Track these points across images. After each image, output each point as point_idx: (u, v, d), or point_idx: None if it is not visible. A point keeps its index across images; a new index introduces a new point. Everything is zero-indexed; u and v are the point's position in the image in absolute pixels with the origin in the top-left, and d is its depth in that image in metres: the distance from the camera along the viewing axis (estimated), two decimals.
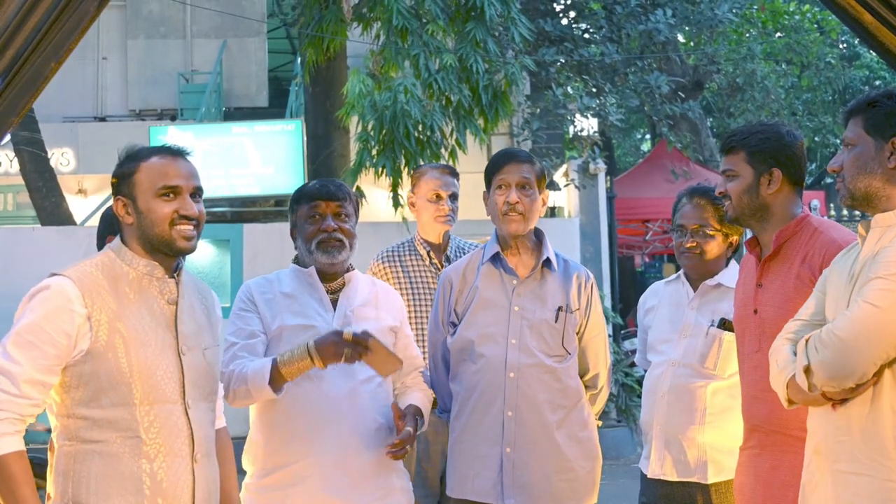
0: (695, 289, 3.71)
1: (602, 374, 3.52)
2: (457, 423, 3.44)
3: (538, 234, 3.51)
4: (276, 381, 2.96)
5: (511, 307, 3.39)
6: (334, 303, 3.23)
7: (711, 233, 3.64)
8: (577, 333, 3.45)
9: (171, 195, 2.54)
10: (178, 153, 2.62)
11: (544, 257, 3.43)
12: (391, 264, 4.26)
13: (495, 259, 3.46)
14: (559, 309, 3.39)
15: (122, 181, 2.57)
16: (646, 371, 3.83)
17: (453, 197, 4.29)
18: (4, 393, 2.37)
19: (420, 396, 3.37)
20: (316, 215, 3.22)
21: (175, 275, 2.62)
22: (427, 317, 4.05)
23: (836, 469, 2.35)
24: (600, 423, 3.59)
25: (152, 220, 2.53)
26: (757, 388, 2.84)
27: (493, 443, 3.33)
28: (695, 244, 3.65)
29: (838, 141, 2.56)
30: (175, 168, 2.57)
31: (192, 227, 2.56)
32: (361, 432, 3.09)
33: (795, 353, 2.46)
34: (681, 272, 3.83)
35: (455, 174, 4.40)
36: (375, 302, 3.31)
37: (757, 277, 2.96)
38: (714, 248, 3.66)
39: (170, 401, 2.52)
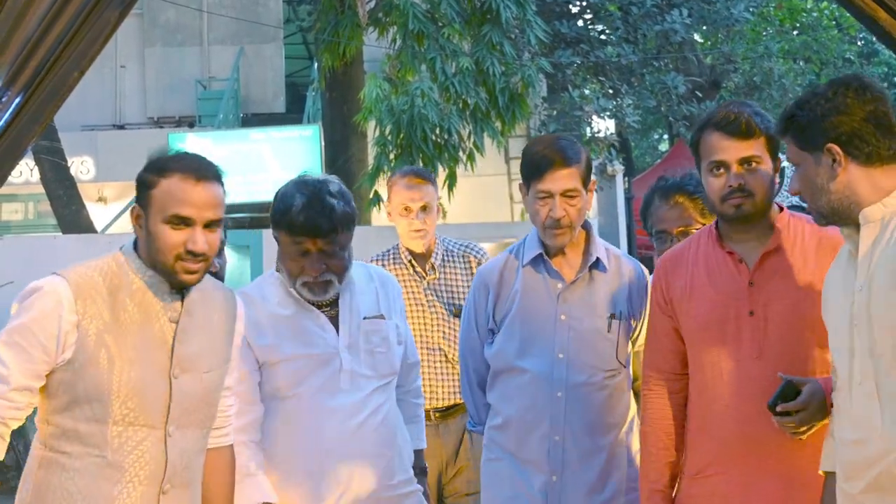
0: None
1: None
2: (494, 440, 3.07)
3: (585, 226, 3.03)
4: None
5: (557, 315, 2.96)
6: (332, 318, 2.86)
7: (697, 230, 3.00)
8: (631, 340, 3.05)
9: (182, 225, 2.31)
10: (203, 176, 2.34)
11: (593, 258, 2.98)
12: None
13: (537, 261, 3.01)
14: (611, 316, 2.96)
15: (141, 190, 2.36)
16: None
17: (425, 209, 3.97)
18: None
19: (418, 430, 3.15)
20: (300, 252, 2.75)
21: (183, 291, 2.40)
22: (412, 325, 3.74)
23: None
24: None
25: (157, 247, 2.32)
26: (755, 402, 2.49)
27: (537, 469, 2.95)
28: None
29: None
30: (192, 195, 2.31)
31: (197, 262, 2.32)
32: (367, 468, 2.84)
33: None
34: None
35: (429, 180, 4.06)
36: (378, 303, 2.96)
37: (749, 276, 2.61)
38: None
39: (148, 425, 2.32)
